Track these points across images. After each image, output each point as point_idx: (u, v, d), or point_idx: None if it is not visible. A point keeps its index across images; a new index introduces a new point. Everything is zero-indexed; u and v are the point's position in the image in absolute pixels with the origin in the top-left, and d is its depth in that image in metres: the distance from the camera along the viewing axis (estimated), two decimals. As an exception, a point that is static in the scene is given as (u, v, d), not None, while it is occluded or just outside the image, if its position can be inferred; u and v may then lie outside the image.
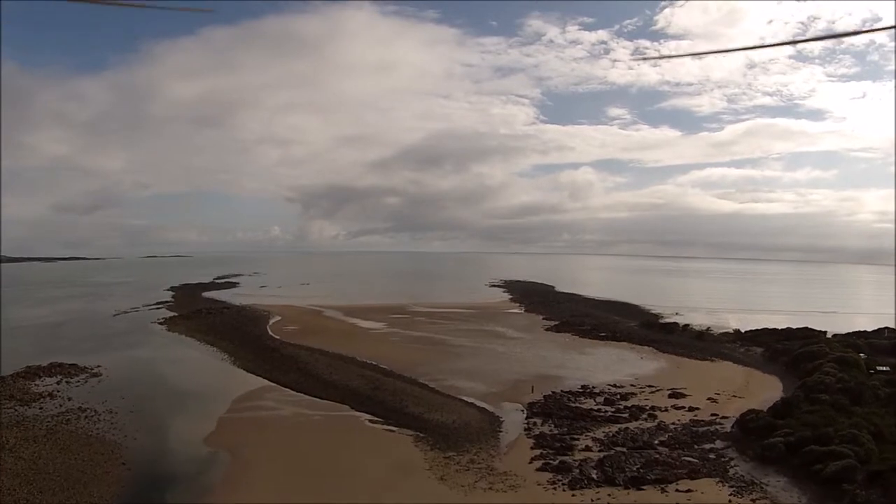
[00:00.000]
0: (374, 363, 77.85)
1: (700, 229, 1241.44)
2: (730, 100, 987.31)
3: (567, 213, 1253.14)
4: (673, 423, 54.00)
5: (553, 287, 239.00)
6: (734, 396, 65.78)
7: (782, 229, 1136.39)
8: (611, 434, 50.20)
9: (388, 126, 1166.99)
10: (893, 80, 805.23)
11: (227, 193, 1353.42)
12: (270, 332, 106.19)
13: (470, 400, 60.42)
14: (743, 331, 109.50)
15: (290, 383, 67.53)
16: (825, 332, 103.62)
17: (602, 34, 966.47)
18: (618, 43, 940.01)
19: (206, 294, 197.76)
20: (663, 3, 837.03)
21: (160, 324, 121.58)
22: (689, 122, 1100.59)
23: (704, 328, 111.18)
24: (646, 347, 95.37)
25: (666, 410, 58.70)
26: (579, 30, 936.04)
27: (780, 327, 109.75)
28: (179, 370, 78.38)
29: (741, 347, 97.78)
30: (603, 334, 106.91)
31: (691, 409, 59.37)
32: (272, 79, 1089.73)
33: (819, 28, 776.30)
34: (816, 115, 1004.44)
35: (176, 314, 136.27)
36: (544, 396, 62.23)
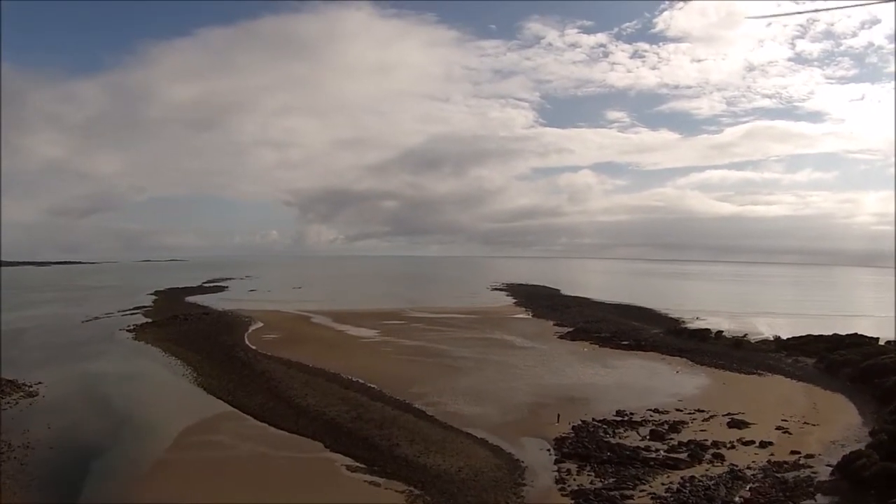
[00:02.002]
0: (360, 381, 64.33)
1: (699, 232, 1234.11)
2: (729, 102, 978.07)
3: (565, 216, 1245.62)
4: (749, 468, 40.86)
5: (558, 290, 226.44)
6: (806, 423, 52.96)
7: (781, 232, 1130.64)
8: (674, 488, 36.87)
9: (387, 129, 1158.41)
10: (892, 82, 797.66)
11: (224, 197, 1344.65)
12: (247, 342, 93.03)
13: (479, 435, 46.53)
14: (784, 338, 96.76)
15: (255, 409, 54.31)
16: (877, 339, 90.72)
17: (601, 37, 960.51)
18: (616, 46, 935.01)
19: (190, 298, 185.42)
20: (662, 6, 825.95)
21: (129, 331, 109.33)
22: (688, 125, 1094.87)
23: (741, 335, 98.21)
24: (678, 358, 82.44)
25: (732, 447, 45.59)
26: (578, 33, 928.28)
27: (825, 333, 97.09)
28: (129, 390, 65.45)
29: (787, 358, 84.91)
30: (626, 343, 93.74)
31: (763, 444, 46.26)
32: (269, 80, 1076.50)
33: (819, 31, 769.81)
34: (815, 116, 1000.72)
35: (149, 320, 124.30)
36: (573, 428, 48.78)
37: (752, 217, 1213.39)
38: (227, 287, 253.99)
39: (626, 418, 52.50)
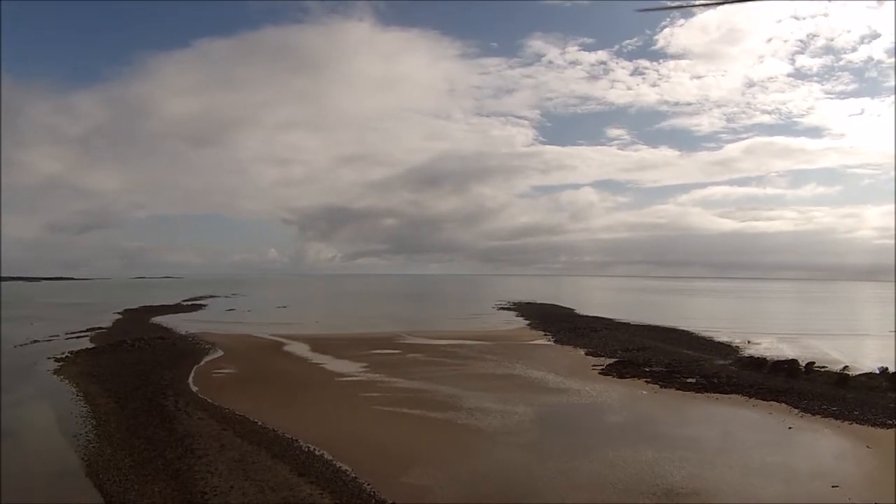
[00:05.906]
0: (326, 457, 40.91)
1: (700, 248, 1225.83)
2: (728, 118, 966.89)
3: (566, 234, 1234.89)
4: None
5: (573, 310, 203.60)
6: None
7: (784, 247, 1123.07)
8: None
9: (388, 146, 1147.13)
10: (892, 96, 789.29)
11: (224, 215, 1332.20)
12: (189, 381, 70.20)
13: None
14: (891, 370, 74.36)
15: (137, 518, 31.59)
16: None
17: (602, 54, 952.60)
18: (617, 63, 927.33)
19: (155, 319, 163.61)
20: (663, 23, 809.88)
21: (56, 360, 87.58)
22: (687, 142, 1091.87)
23: (840, 369, 75.66)
24: (775, 404, 59.72)
25: None
26: (579, 50, 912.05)
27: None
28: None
29: (916, 402, 62.46)
30: (692, 381, 70.92)
31: None
32: (270, 94, 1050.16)
33: (819, 46, 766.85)
34: (815, 132, 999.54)
35: (93, 346, 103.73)
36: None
37: (753, 233, 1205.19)
38: (205, 305, 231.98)
39: (784, 540, 29.91)
